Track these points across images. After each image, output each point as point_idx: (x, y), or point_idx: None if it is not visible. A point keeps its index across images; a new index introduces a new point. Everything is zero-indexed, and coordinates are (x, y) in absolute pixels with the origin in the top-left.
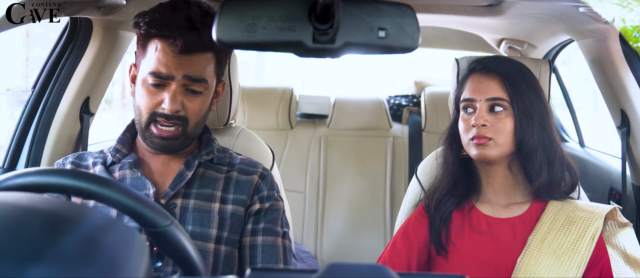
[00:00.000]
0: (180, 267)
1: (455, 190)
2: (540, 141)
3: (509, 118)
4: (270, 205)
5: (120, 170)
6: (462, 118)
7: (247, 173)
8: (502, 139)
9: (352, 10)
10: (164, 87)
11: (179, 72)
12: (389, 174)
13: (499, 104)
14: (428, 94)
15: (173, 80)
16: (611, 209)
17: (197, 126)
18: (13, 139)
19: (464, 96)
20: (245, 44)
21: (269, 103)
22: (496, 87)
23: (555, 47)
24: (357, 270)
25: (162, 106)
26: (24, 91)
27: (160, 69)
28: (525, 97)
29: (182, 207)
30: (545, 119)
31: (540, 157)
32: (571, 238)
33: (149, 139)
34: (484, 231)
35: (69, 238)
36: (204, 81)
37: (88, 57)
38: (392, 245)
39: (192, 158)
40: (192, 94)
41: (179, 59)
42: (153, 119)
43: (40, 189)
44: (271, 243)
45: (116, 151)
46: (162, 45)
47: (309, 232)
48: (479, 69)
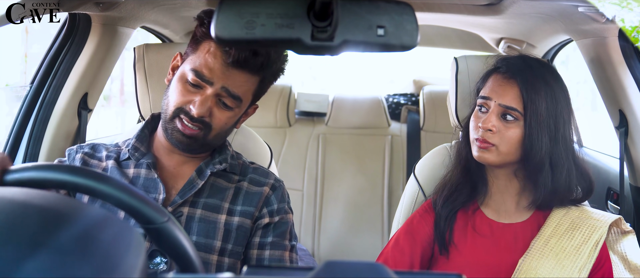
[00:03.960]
0: (176, 263)
1: (464, 188)
2: (549, 155)
3: (518, 129)
4: (279, 218)
5: (135, 168)
6: (474, 115)
7: (258, 184)
8: (506, 148)
9: (351, 8)
10: (200, 89)
11: (219, 82)
12: (387, 172)
13: (511, 113)
14: (427, 93)
15: (211, 86)
16: (616, 219)
17: (217, 137)
18: (11, 135)
19: (481, 93)
20: (243, 40)
21: (268, 101)
22: (513, 95)
23: (554, 47)
24: (354, 268)
25: (191, 106)
26: (22, 87)
27: (203, 71)
28: (540, 108)
29: (188, 216)
30: (560, 130)
31: (546, 171)
32: (574, 243)
33: (171, 133)
34: (486, 235)
35: (65, 234)
36: (238, 99)
37: (86, 54)
38: (395, 242)
39: (204, 165)
40: (223, 107)
41: (226, 70)
42: (178, 115)
43: (37, 184)
44: (278, 257)
45: (135, 149)
46: (215, 49)
47: (306, 230)
48: (502, 70)
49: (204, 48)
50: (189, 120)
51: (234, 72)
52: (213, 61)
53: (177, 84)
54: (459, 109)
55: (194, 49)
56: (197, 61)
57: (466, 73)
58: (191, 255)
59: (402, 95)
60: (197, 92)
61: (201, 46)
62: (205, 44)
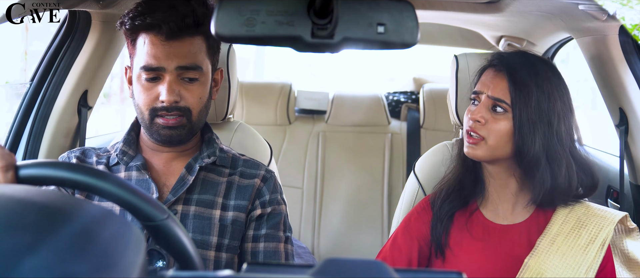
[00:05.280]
0: (176, 261)
1: (462, 189)
2: (544, 150)
3: (507, 122)
4: (272, 209)
5: (126, 171)
6: (467, 110)
7: (249, 177)
8: (494, 141)
9: (351, 5)
10: (159, 80)
11: (170, 63)
12: (387, 170)
13: (500, 105)
14: (427, 90)
15: (165, 71)
16: (622, 217)
17: (201, 115)
18: (11, 132)
19: (474, 88)
20: (243, 38)
21: (268, 98)
22: (502, 87)
23: (555, 45)
24: (354, 266)
25: (160, 99)
26: (22, 84)
27: (150, 62)
28: (531, 103)
29: (183, 213)
30: (554, 125)
31: (543, 167)
32: (581, 241)
33: (156, 132)
34: (482, 238)
35: (64, 231)
36: (198, 68)
37: (86, 51)
38: (394, 240)
39: (193, 161)
40: (189, 83)
41: (168, 48)
42: (154, 114)
43: (37, 181)
44: (273, 249)
45: (123, 153)
46: (149, 37)
47: (306, 228)
48: (494, 63)
49: (139, 43)
50: (166, 112)
51: (176, 45)
52: (153, 48)
53: (137, 88)
54: (459, 107)
55: (133, 52)
56: (141, 58)
57: (466, 71)
58: (191, 252)
59: (402, 93)
60: (157, 84)
61: (137, 44)
62: (138, 40)
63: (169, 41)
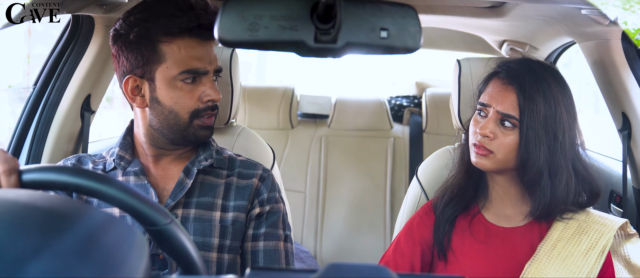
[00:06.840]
0: (180, 265)
1: (465, 193)
2: (547, 165)
3: (515, 136)
4: (270, 208)
5: (123, 176)
6: (474, 119)
7: (247, 177)
8: (503, 155)
9: (354, 10)
10: (196, 82)
11: (212, 64)
12: (390, 175)
13: (509, 120)
14: (429, 95)
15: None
16: (623, 223)
17: None
18: (14, 137)
19: (481, 99)
20: (247, 43)
21: (270, 103)
22: (511, 101)
23: (557, 50)
24: (357, 271)
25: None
26: (25, 88)
27: (196, 65)
28: (539, 118)
29: (183, 217)
30: (559, 139)
31: (545, 181)
32: (582, 247)
33: (193, 134)
34: (485, 241)
35: (68, 236)
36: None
37: (89, 55)
38: (396, 245)
39: (190, 165)
40: (215, 80)
41: (208, 49)
42: (195, 116)
43: (41, 186)
44: (273, 247)
45: (120, 158)
46: (184, 41)
47: (308, 232)
48: (502, 75)
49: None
50: (210, 112)
51: (210, 45)
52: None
53: (174, 93)
54: (462, 112)
55: (154, 59)
56: (180, 62)
57: (469, 75)
58: (194, 257)
59: (404, 97)
60: (196, 85)
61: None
62: (170, 46)
63: (209, 41)
